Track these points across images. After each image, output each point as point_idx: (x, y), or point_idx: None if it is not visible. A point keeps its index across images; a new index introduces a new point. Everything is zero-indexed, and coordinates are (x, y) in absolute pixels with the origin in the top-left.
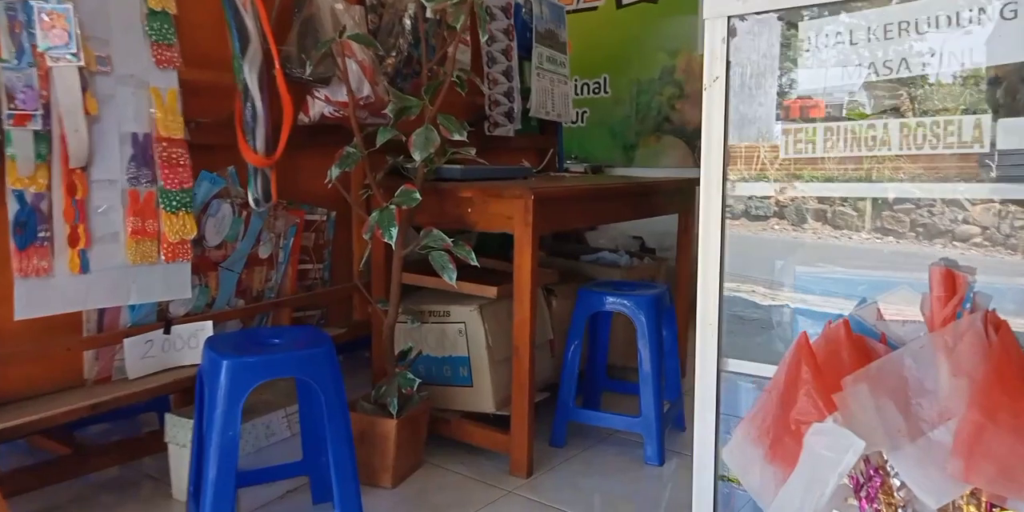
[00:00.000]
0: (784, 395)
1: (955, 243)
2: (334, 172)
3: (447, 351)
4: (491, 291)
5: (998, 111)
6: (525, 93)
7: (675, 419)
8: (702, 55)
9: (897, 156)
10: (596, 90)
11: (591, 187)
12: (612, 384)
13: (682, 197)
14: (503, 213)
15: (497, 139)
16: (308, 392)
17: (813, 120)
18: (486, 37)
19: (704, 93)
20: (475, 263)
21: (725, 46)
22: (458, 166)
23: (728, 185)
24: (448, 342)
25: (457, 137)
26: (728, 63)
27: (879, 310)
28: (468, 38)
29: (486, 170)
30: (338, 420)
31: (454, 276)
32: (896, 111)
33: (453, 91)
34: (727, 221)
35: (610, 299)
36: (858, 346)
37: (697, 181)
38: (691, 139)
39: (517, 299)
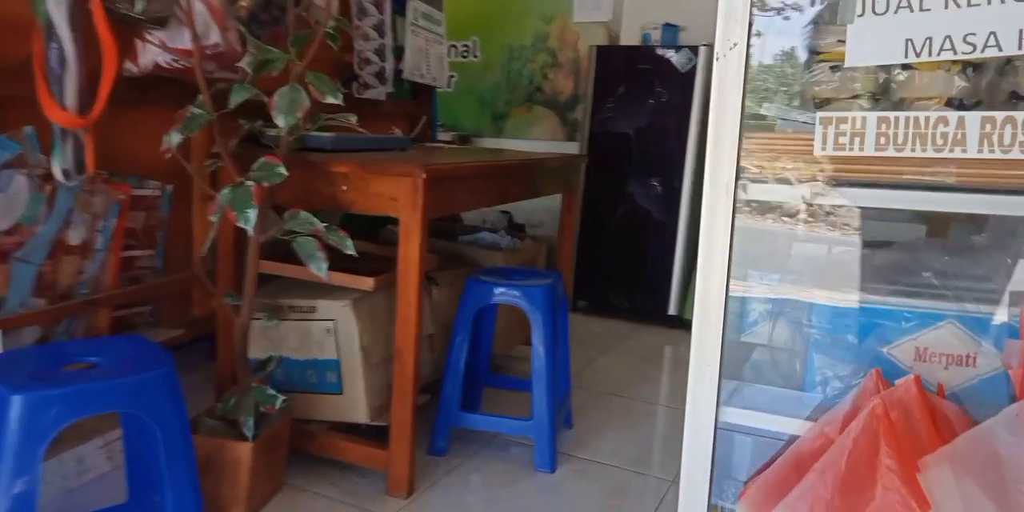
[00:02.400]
0: (845, 479)
1: None
2: (174, 138)
3: (312, 353)
4: (367, 283)
5: None
6: (398, 53)
7: (564, 418)
8: (578, 23)
9: (974, 159)
10: (465, 53)
11: (488, 164)
12: (493, 379)
13: (567, 174)
14: (387, 193)
15: (365, 103)
16: (136, 416)
17: (862, 107)
18: None
19: (715, 64)
20: (352, 252)
21: (747, 3)
22: (329, 134)
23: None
24: (313, 343)
25: (331, 100)
26: (751, 24)
27: (918, 350)
28: None
29: (361, 140)
30: (180, 457)
31: (325, 267)
32: (975, 101)
33: (322, 45)
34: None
35: (500, 290)
36: (930, 407)
37: (580, 157)
38: (563, 110)
39: (401, 293)
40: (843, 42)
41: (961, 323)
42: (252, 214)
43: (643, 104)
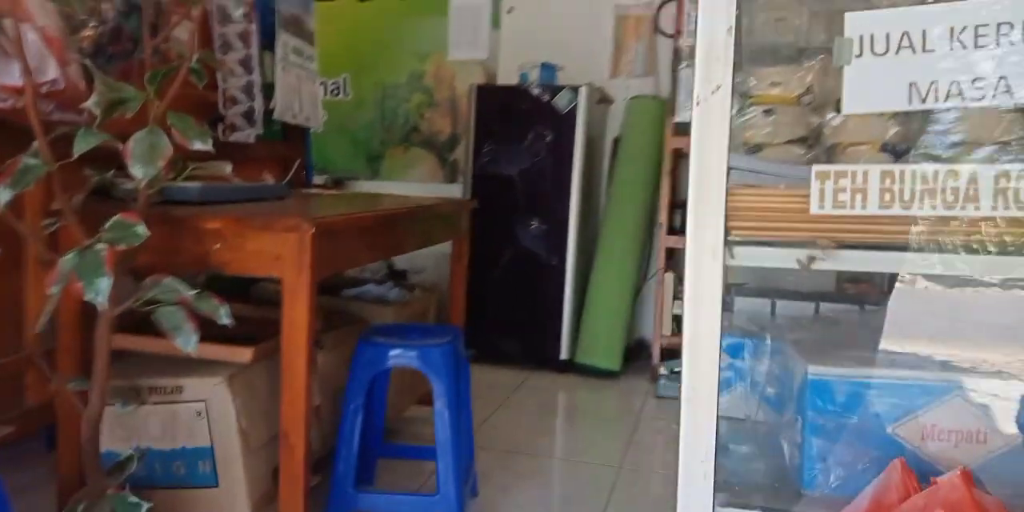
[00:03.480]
0: None
1: None
2: (3, 194)
3: (180, 441)
4: (244, 354)
5: None
6: (267, 91)
7: (471, 486)
8: (454, 61)
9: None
10: (336, 91)
11: (381, 214)
12: (388, 448)
13: (458, 220)
14: (269, 251)
15: (232, 147)
16: None
17: (796, 154)
18: None
19: (695, 110)
20: (228, 321)
21: (732, 40)
22: (196, 184)
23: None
24: (181, 429)
25: (198, 146)
26: (736, 64)
27: (925, 427)
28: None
29: (233, 190)
30: None
31: (194, 340)
32: (906, 147)
33: (183, 82)
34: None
35: (396, 352)
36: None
37: (469, 202)
38: (442, 151)
39: (287, 366)
40: (776, 84)
41: (968, 397)
42: (104, 284)
43: (526, 145)
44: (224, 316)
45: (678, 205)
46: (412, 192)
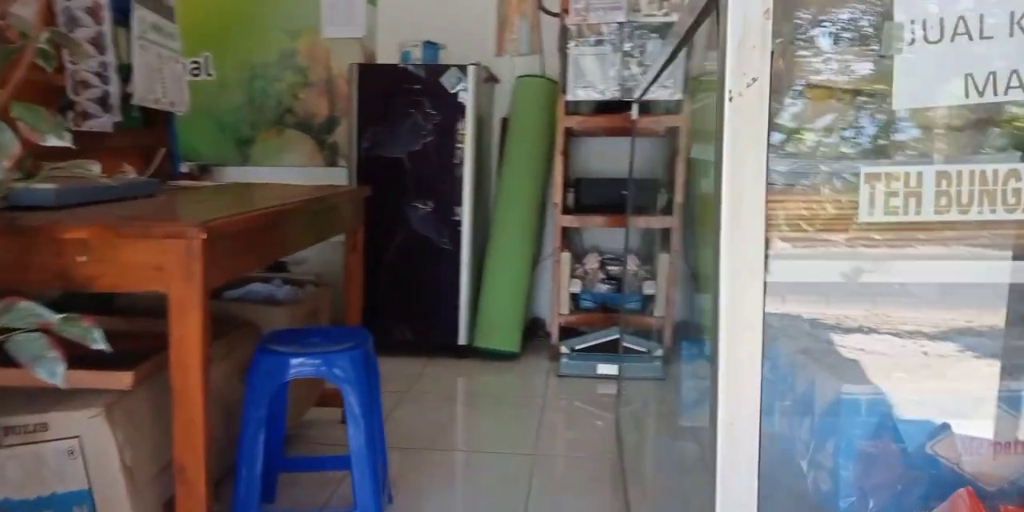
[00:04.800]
0: None
1: None
2: None
3: (49, 487)
4: (123, 380)
5: None
6: (124, 73)
7: (387, 494)
8: (329, 39)
9: None
10: (196, 71)
11: (276, 210)
12: (290, 462)
13: (353, 210)
14: (147, 262)
15: (86, 137)
16: None
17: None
18: None
19: (728, 106)
20: (102, 346)
21: (769, 25)
22: (50, 186)
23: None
24: (49, 473)
25: (54, 141)
26: (773, 54)
27: (962, 442)
28: None
29: (94, 189)
30: None
31: (61, 370)
32: None
33: (30, 67)
34: None
35: (298, 361)
36: None
37: (362, 189)
38: (319, 133)
39: (180, 392)
40: None
41: (1007, 405)
42: None
43: (413, 126)
44: (98, 340)
45: (571, 184)
46: (289, 178)
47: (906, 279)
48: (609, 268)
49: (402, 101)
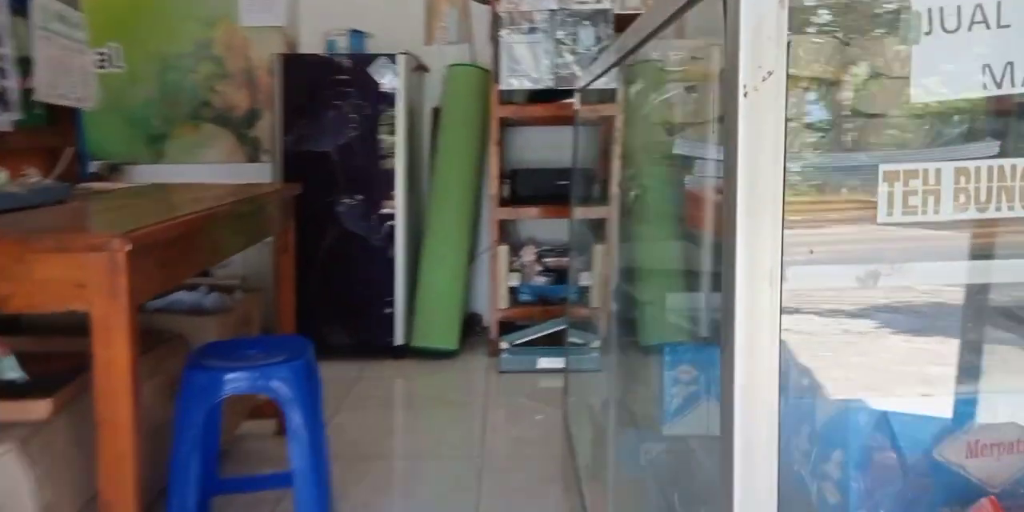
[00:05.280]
0: None
1: None
2: None
3: None
4: (39, 409)
5: None
6: (23, 67)
7: None
8: (247, 27)
9: None
10: (103, 63)
11: (205, 214)
12: (224, 484)
13: (283, 209)
14: (66, 279)
15: None
16: None
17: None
18: None
19: (742, 103)
20: (16, 376)
21: (785, 14)
22: None
23: None
24: None
25: None
26: (789, 45)
27: (970, 445)
28: None
29: None
30: None
31: None
32: None
33: None
34: None
35: (233, 377)
36: None
37: (293, 187)
38: (240, 127)
39: (105, 421)
40: (696, 58)
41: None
42: None
43: (341, 118)
44: (11, 368)
45: (507, 176)
46: (209, 175)
47: (926, 281)
48: (546, 260)
49: (329, 92)
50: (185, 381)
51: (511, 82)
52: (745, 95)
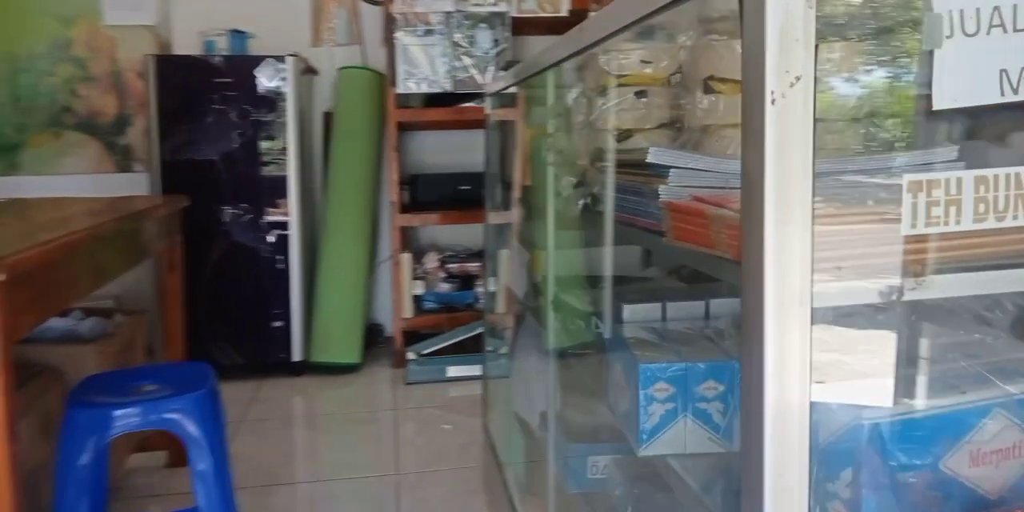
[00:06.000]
0: None
1: None
2: None
3: None
4: None
5: None
6: None
7: None
8: (111, 26)
9: None
10: None
11: (90, 234)
12: None
13: (169, 224)
14: None
15: None
16: None
17: (669, 138)
18: None
19: (768, 110)
20: None
21: (813, 15)
22: None
23: None
24: None
25: None
26: (816, 47)
27: (972, 454)
28: None
29: None
30: None
31: None
32: None
33: None
34: None
35: (124, 413)
36: None
37: (179, 198)
38: (108, 135)
39: None
40: (647, 63)
41: (1008, 410)
42: None
43: (225, 124)
44: None
45: (406, 182)
46: (73, 188)
47: (951, 293)
48: (449, 266)
49: (210, 97)
50: (67, 420)
51: (409, 85)
52: (773, 102)
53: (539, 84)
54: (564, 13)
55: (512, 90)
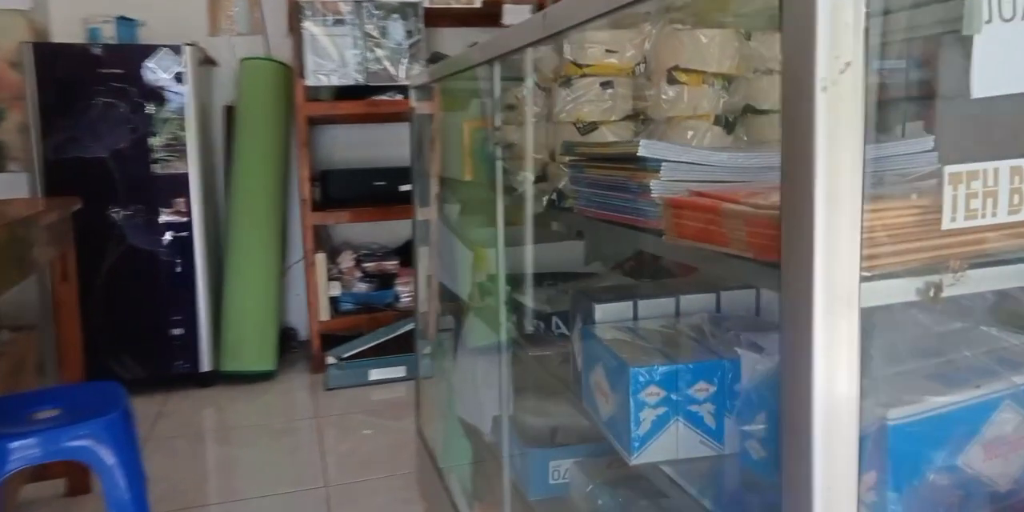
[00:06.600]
0: None
1: None
2: None
3: None
4: None
5: None
6: None
7: None
8: None
9: None
10: None
11: None
12: None
13: (61, 230)
14: None
15: None
16: None
17: (632, 130)
18: None
19: (819, 98)
20: None
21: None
22: None
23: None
24: None
25: None
26: (867, 31)
27: (986, 449)
28: None
29: None
30: None
31: None
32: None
33: None
34: None
35: (21, 445)
36: None
37: (71, 200)
38: None
39: None
40: (611, 52)
41: (1016, 401)
42: None
43: (117, 119)
44: None
45: (317, 178)
46: None
47: (987, 287)
48: (366, 265)
49: (96, 89)
50: None
51: (319, 78)
52: (824, 89)
53: (484, 75)
54: (477, 4)
55: (426, 80)
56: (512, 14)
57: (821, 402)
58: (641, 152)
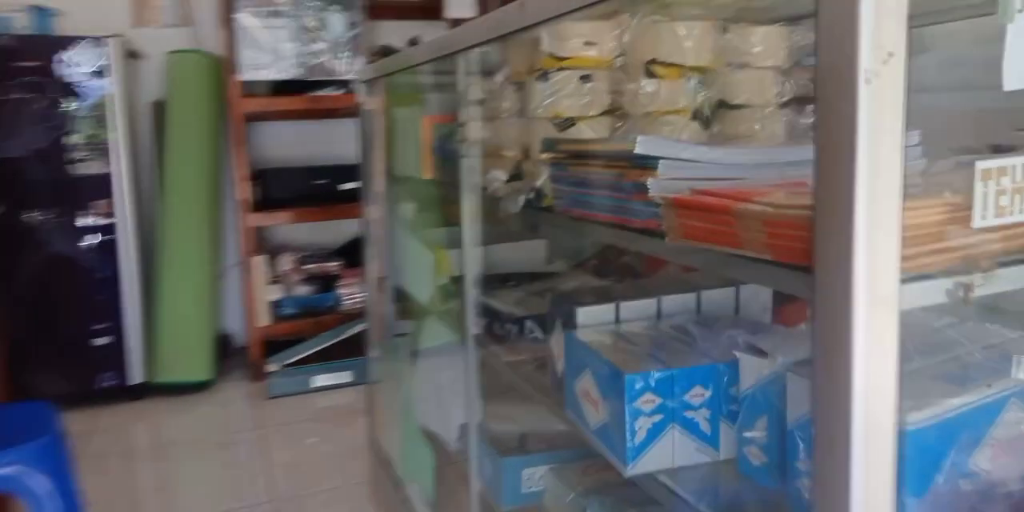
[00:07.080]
0: None
1: None
2: None
3: None
4: None
5: None
6: None
7: None
8: None
9: None
10: None
11: None
12: None
13: None
14: None
15: None
16: None
17: (612, 126)
18: None
19: (862, 90)
20: None
21: None
22: None
23: None
24: None
25: None
26: (910, 18)
27: (995, 449)
28: None
29: None
30: None
31: None
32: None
33: None
34: None
35: None
36: None
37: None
38: None
39: None
40: (591, 45)
41: (1021, 399)
42: None
43: (32, 116)
44: None
45: (254, 177)
46: None
47: (1016, 286)
48: (308, 267)
49: (6, 84)
50: None
51: (256, 72)
52: (867, 81)
53: (445, 69)
54: None
55: (370, 75)
56: (455, 7)
57: (860, 409)
58: (638, 149)
